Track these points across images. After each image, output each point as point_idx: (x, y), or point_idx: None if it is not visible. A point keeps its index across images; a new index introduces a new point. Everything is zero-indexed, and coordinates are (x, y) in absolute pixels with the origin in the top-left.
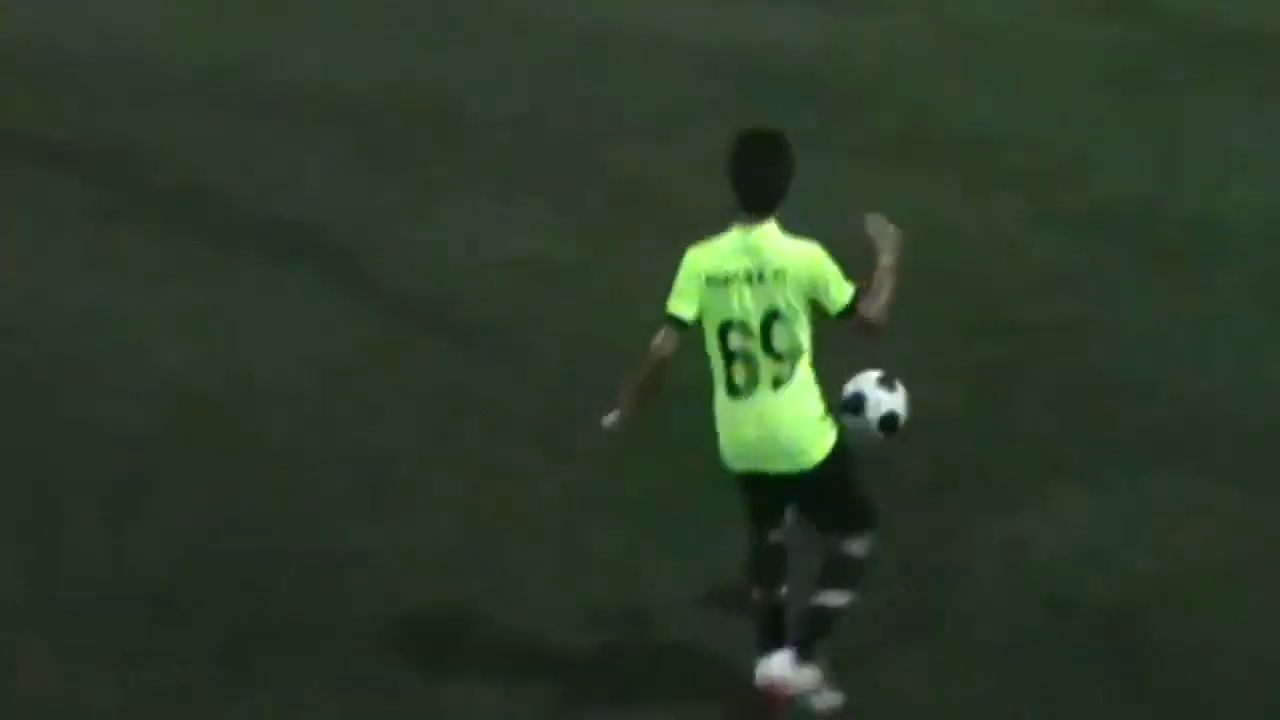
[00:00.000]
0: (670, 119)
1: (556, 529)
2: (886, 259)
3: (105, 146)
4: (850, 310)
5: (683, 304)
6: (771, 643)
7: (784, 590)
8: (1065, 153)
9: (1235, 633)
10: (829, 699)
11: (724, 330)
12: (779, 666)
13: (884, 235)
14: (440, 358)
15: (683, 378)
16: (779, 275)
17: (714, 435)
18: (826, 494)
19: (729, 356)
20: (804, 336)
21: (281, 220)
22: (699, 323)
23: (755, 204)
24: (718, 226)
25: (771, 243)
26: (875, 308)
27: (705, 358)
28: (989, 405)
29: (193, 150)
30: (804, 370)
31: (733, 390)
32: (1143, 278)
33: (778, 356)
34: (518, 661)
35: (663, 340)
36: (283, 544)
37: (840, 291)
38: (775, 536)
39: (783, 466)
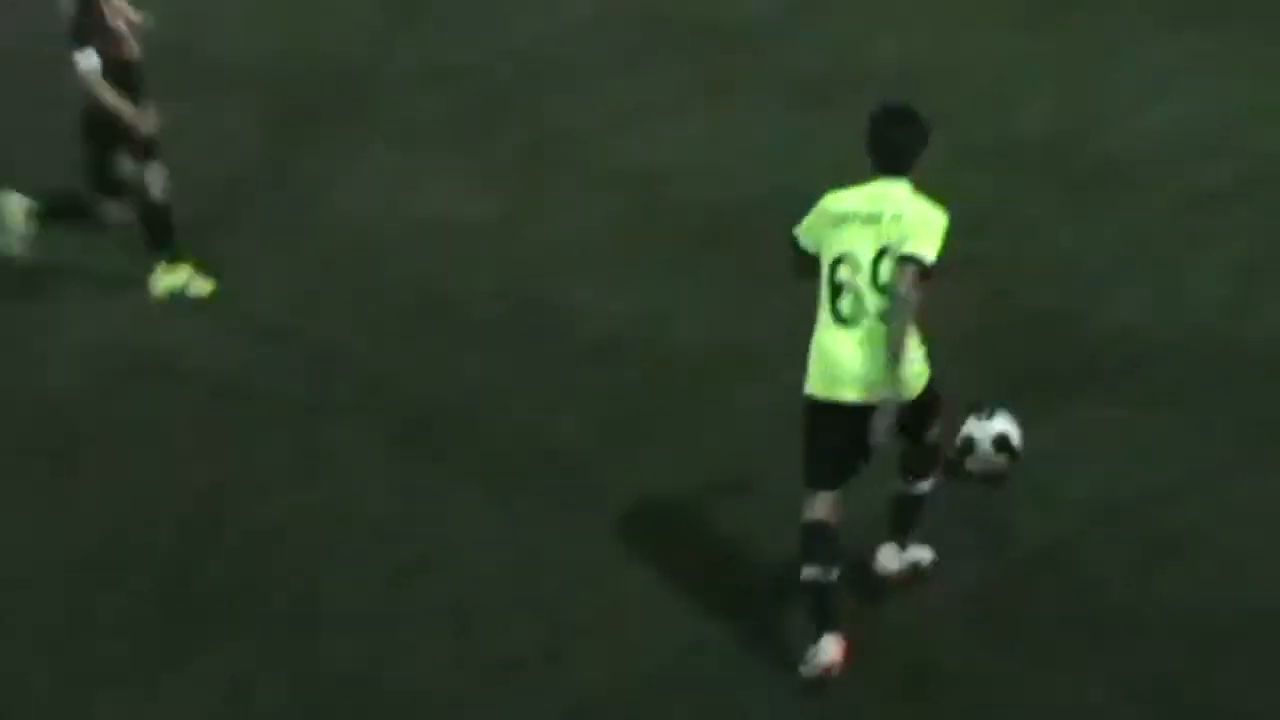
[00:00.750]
0: (585, 70)
1: (497, 479)
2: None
3: (14, 120)
4: (910, 260)
5: (806, 234)
6: (823, 626)
7: (836, 571)
8: (979, 87)
9: (1168, 558)
10: (924, 555)
11: (836, 263)
12: (827, 651)
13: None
14: (364, 319)
15: (614, 330)
16: (897, 218)
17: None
18: (908, 423)
19: (837, 288)
20: None
21: (200, 188)
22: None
23: (885, 167)
24: (635, 179)
25: (899, 193)
26: (915, 301)
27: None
28: None
29: None
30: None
31: (839, 318)
32: (1061, 208)
33: (882, 290)
34: (459, 621)
35: (794, 257)
36: (214, 511)
37: (920, 245)
38: (831, 513)
39: (875, 396)
